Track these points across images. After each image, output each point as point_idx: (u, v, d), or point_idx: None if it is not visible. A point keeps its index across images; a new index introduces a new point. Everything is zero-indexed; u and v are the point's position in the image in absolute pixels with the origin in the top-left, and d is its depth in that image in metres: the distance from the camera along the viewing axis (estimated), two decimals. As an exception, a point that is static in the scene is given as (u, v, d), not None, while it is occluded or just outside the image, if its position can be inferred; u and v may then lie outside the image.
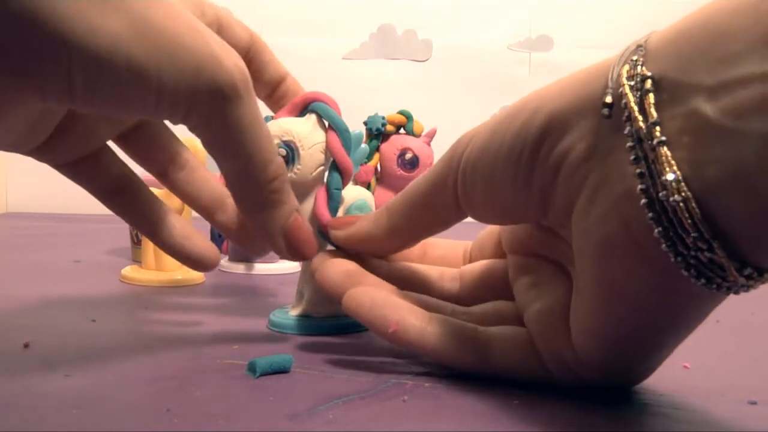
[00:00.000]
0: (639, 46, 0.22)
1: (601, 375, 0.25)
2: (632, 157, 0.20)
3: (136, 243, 0.61)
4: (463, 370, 0.28)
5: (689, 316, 0.23)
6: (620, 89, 0.21)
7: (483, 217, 0.28)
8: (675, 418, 0.24)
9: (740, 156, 0.18)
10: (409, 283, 0.32)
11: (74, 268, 0.57)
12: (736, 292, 0.21)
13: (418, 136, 0.57)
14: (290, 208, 0.28)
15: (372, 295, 0.29)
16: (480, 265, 0.33)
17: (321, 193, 0.35)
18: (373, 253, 0.32)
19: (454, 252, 0.35)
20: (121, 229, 0.71)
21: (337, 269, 0.31)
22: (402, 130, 0.57)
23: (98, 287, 0.48)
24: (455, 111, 1.20)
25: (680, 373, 0.29)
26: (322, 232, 0.35)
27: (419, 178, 0.30)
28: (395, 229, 0.30)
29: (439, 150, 0.59)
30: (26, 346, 0.31)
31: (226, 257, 0.59)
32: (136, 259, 0.61)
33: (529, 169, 0.24)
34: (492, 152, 0.25)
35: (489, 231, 0.34)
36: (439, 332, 0.28)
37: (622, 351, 0.24)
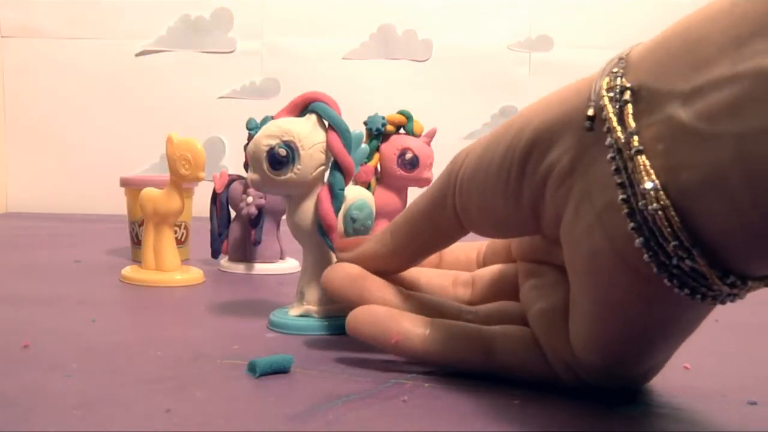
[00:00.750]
0: (621, 58, 0.22)
1: (602, 378, 0.25)
2: (613, 168, 0.20)
3: (136, 243, 0.61)
4: (469, 370, 0.28)
5: (679, 324, 0.23)
6: (601, 101, 0.21)
7: (481, 231, 0.28)
8: (675, 418, 0.24)
9: (715, 159, 0.18)
10: (423, 291, 0.32)
11: (74, 268, 0.57)
12: (722, 302, 0.21)
13: (418, 136, 0.57)
14: None
15: (372, 313, 0.29)
16: (490, 270, 0.33)
17: (324, 193, 0.35)
18: (380, 273, 0.32)
19: (467, 254, 0.35)
20: (121, 229, 0.71)
21: (341, 273, 0.31)
22: (402, 130, 0.57)
23: (98, 287, 0.48)
24: (455, 111, 1.20)
25: (680, 374, 0.29)
26: (324, 232, 0.35)
27: (419, 196, 0.30)
28: (399, 247, 0.31)
29: (439, 150, 0.59)
30: (26, 346, 0.31)
31: (226, 257, 0.59)
32: (136, 259, 0.61)
33: (517, 185, 0.24)
34: (484, 169, 0.26)
35: None
36: (441, 336, 0.28)
37: (617, 357, 0.24)
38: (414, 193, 0.58)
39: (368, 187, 0.55)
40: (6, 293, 0.45)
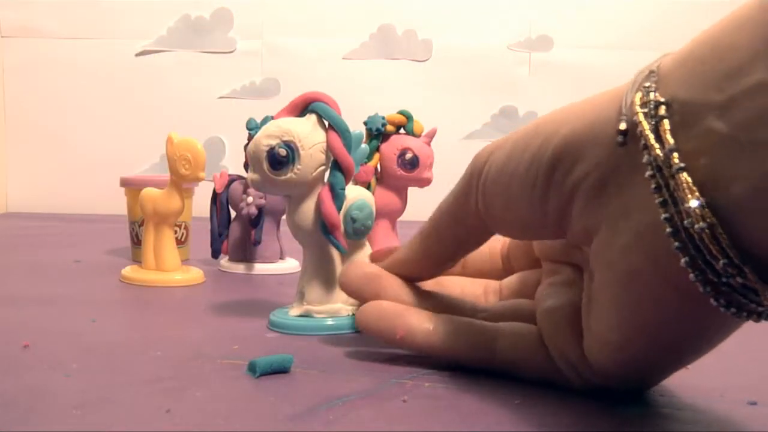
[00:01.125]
0: (651, 71, 0.21)
1: (612, 382, 0.25)
2: (653, 186, 0.20)
3: (136, 243, 0.61)
4: (473, 366, 0.28)
5: (712, 340, 0.23)
6: (634, 117, 0.21)
7: (505, 232, 0.28)
8: (675, 418, 0.24)
9: (762, 169, 0.17)
10: (456, 301, 0.32)
11: (74, 268, 0.57)
12: (767, 318, 0.20)
13: (418, 136, 0.56)
14: None
15: (379, 308, 0.30)
16: (517, 276, 0.33)
17: (326, 193, 0.35)
18: (413, 279, 0.32)
19: (491, 246, 0.34)
20: (121, 229, 0.71)
21: (359, 273, 0.32)
22: (402, 130, 0.57)
23: (98, 287, 0.48)
24: (455, 111, 1.20)
25: (680, 374, 0.29)
26: (327, 231, 0.35)
27: (445, 197, 0.30)
28: (427, 249, 0.30)
29: (439, 150, 0.59)
30: (26, 346, 0.31)
31: (226, 257, 0.59)
32: (136, 259, 0.61)
33: (543, 193, 0.24)
34: (509, 172, 0.25)
35: None
36: (446, 332, 0.28)
37: (639, 367, 0.24)
38: (414, 193, 0.58)
39: (368, 187, 0.55)
40: (6, 293, 0.45)
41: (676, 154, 0.19)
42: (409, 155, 0.55)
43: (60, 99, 1.20)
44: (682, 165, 0.19)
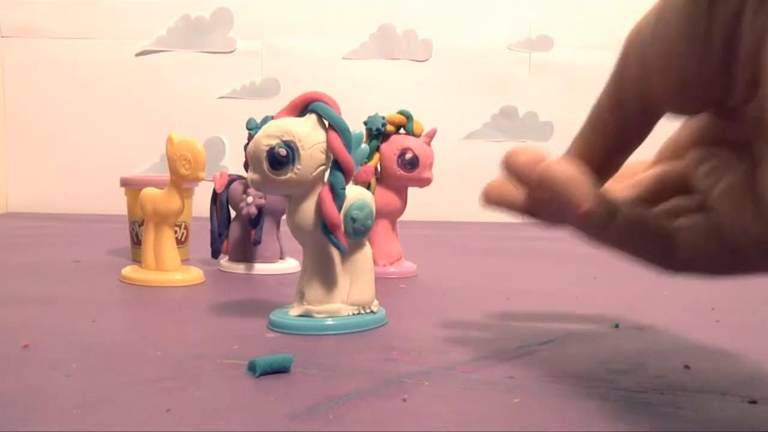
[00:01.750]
0: None
1: None
2: None
3: (136, 243, 0.61)
4: (646, 262, 0.27)
5: None
6: None
7: (666, 99, 0.26)
8: (676, 417, 0.24)
9: None
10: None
11: (74, 268, 0.57)
12: None
13: (418, 136, 0.57)
14: None
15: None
16: (653, 172, 0.32)
17: (326, 193, 0.35)
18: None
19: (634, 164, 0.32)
20: (121, 229, 0.71)
21: (523, 157, 0.28)
22: (402, 130, 0.57)
23: (98, 287, 0.48)
24: (455, 111, 1.20)
25: (680, 373, 0.29)
26: (328, 231, 0.35)
27: (602, 88, 0.27)
28: (587, 145, 0.28)
29: (439, 150, 0.59)
30: (26, 346, 0.31)
31: (226, 257, 0.59)
32: (136, 259, 0.61)
33: (707, 22, 0.23)
34: (666, 18, 0.24)
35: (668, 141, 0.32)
36: (625, 222, 0.26)
37: None
38: (414, 193, 0.58)
39: (368, 187, 0.55)
40: (6, 293, 0.45)
41: None
42: (409, 155, 0.55)
43: (60, 99, 1.20)
44: None
